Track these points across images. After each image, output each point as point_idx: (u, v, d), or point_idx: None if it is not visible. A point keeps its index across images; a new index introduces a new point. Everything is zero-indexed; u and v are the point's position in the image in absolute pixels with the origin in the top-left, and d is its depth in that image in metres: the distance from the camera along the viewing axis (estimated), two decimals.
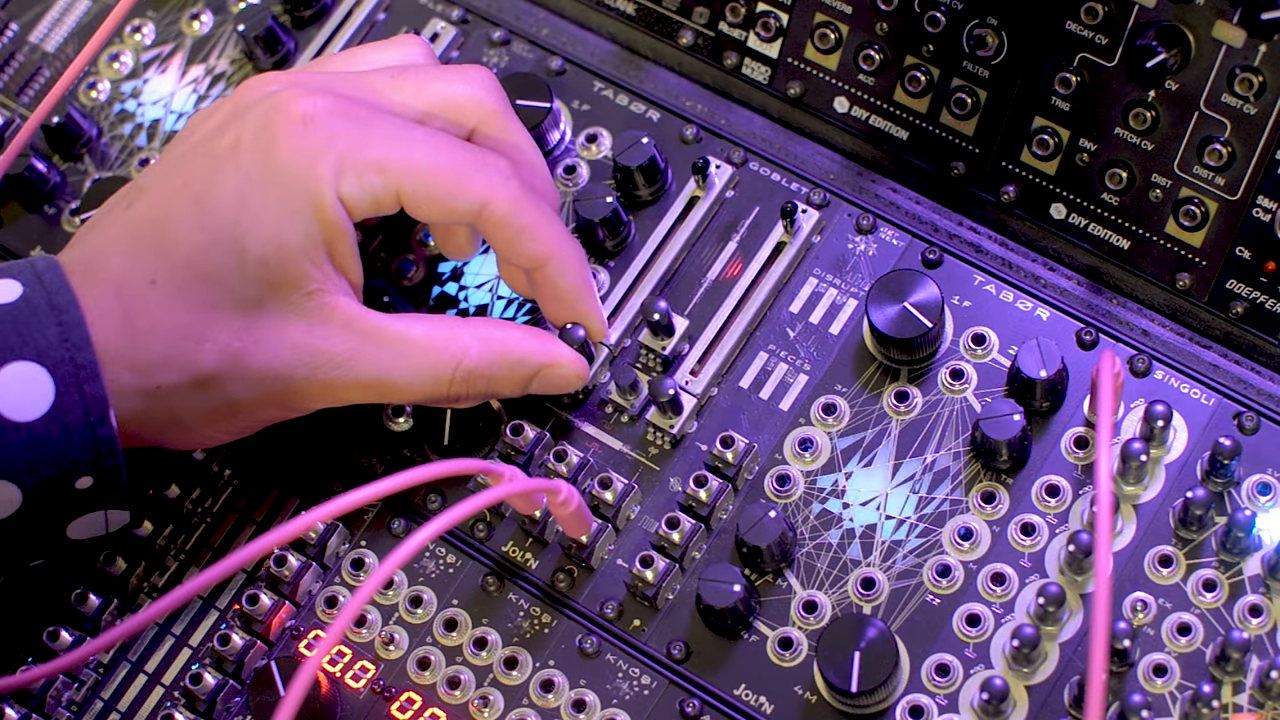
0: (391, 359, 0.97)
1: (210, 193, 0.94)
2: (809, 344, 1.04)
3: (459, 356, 0.97)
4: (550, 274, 0.99)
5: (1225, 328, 1.03)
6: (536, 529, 1.01)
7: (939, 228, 1.06)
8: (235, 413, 0.97)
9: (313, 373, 0.96)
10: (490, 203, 0.96)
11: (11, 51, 1.17)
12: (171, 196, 0.95)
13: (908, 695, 0.96)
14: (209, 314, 0.94)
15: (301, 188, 0.94)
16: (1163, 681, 0.95)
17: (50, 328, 0.92)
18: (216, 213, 0.94)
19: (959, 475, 1.00)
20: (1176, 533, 0.97)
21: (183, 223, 0.94)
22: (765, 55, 1.10)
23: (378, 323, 0.97)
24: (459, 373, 0.97)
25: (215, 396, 0.96)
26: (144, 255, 0.94)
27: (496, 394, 1.00)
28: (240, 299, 0.94)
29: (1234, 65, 0.99)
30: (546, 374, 1.00)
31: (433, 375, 0.97)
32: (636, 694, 0.98)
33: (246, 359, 0.95)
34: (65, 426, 0.92)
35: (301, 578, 1.02)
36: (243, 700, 1.00)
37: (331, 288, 0.96)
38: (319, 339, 0.96)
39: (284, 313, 0.95)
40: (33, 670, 0.95)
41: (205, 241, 0.94)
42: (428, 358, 0.97)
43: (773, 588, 0.99)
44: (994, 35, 1.04)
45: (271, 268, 0.94)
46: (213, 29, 1.16)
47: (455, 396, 0.99)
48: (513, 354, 0.99)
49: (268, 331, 0.95)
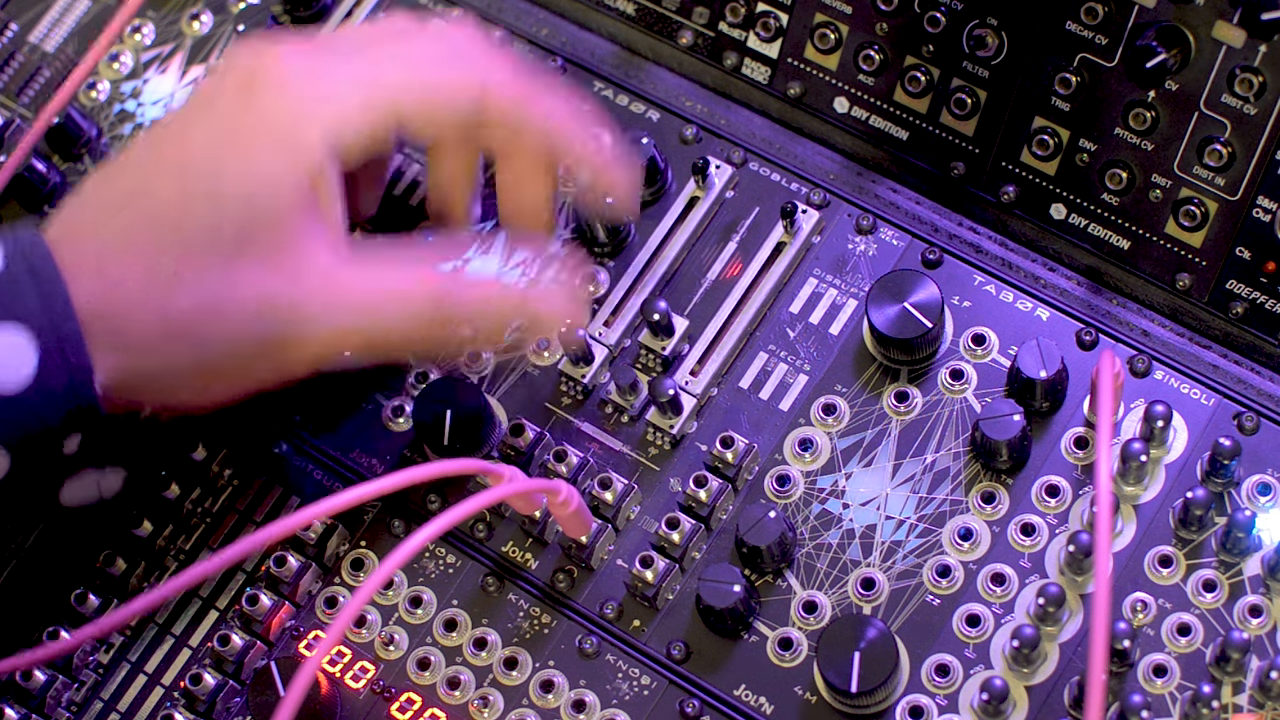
0: (373, 304, 0.96)
1: (186, 147, 0.94)
2: (809, 344, 1.04)
3: (439, 294, 0.97)
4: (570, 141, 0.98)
5: (1225, 328, 1.03)
6: (536, 529, 1.01)
7: (939, 228, 1.06)
8: (213, 373, 0.96)
9: (292, 324, 0.95)
10: (489, 77, 0.96)
11: (11, 51, 1.17)
12: (149, 155, 0.95)
13: (908, 695, 0.96)
14: (184, 261, 0.93)
15: (281, 132, 0.93)
16: (1163, 682, 0.95)
17: (31, 297, 0.92)
18: (193, 165, 0.94)
19: (959, 475, 1.00)
20: (1176, 533, 0.97)
21: (160, 178, 0.94)
22: (765, 55, 1.10)
23: (357, 269, 0.96)
24: (440, 310, 0.97)
25: (191, 352, 0.95)
26: (122, 211, 0.94)
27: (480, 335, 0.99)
28: (216, 249, 0.93)
29: (1234, 65, 0.99)
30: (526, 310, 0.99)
31: (414, 314, 0.96)
32: (636, 694, 0.98)
33: (221, 310, 0.94)
34: (50, 392, 0.92)
35: (301, 578, 1.02)
36: (243, 700, 1.00)
37: (312, 235, 0.95)
38: (299, 289, 0.95)
39: (262, 264, 0.94)
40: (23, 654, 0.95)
41: (182, 193, 0.93)
42: (409, 298, 0.96)
43: (773, 588, 0.99)
44: (994, 35, 1.04)
45: (247, 218, 0.93)
46: (213, 29, 1.16)
47: (438, 338, 0.98)
48: (492, 289, 0.98)
49: (243, 282, 0.94)
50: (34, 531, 1.06)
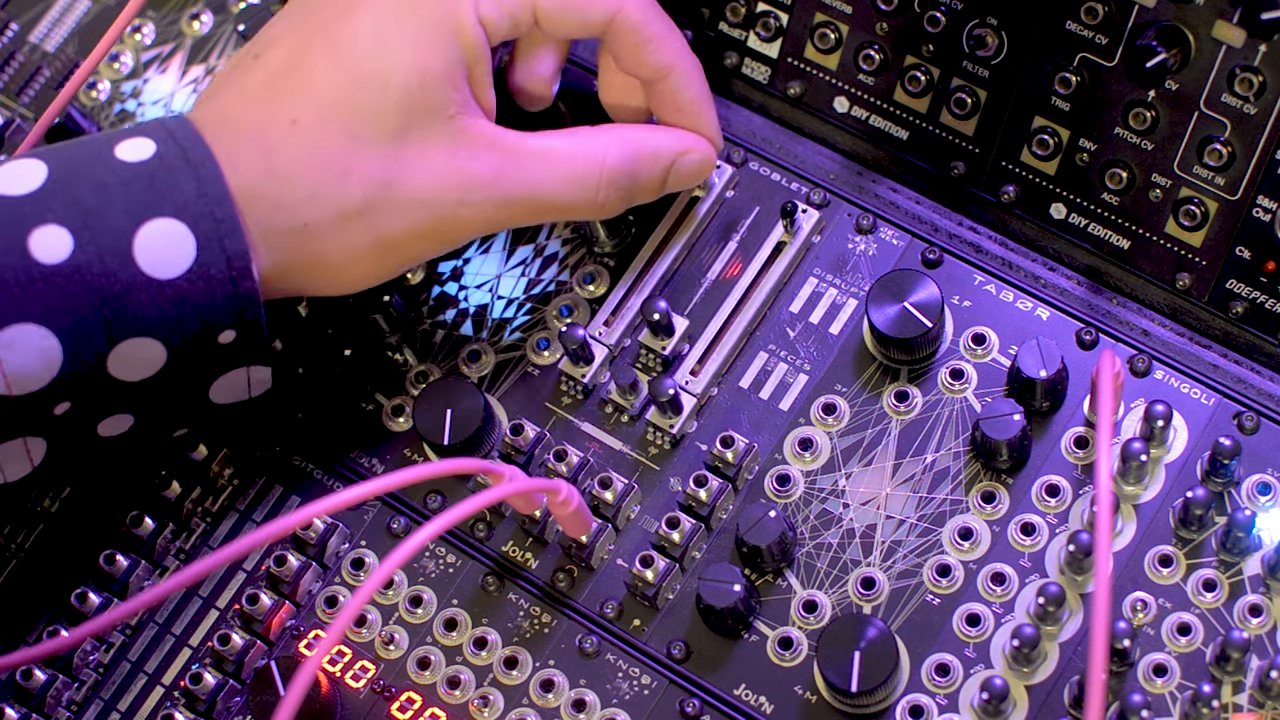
0: (538, 172, 0.98)
1: (346, 33, 0.95)
2: (809, 344, 1.04)
3: (601, 158, 0.99)
4: (672, 85, 1.01)
5: (1225, 328, 1.03)
6: (536, 529, 1.01)
7: (939, 228, 1.06)
8: (385, 248, 0.97)
9: (463, 195, 0.96)
10: (622, 10, 0.99)
11: (11, 51, 1.17)
12: (304, 41, 0.96)
13: (908, 695, 0.96)
14: (353, 147, 0.95)
15: (441, 14, 0.95)
16: (1163, 681, 0.95)
17: (188, 183, 0.93)
18: (354, 47, 0.95)
19: (959, 475, 1.00)
20: (1176, 533, 0.97)
21: (320, 64, 0.95)
22: (765, 55, 1.10)
23: (519, 139, 0.98)
24: (604, 174, 0.99)
25: (365, 231, 0.96)
26: (282, 98, 0.95)
27: (639, 194, 1.01)
28: (384, 129, 0.95)
29: (1234, 65, 0.99)
30: (681, 164, 1.02)
31: (579, 181, 0.99)
32: (636, 694, 0.98)
33: (394, 188, 0.95)
34: (208, 281, 0.92)
35: (301, 578, 1.02)
36: (243, 700, 1.00)
37: (470, 110, 0.97)
38: (464, 160, 0.96)
39: (428, 139, 0.96)
40: (21, 652, 0.95)
41: (345, 76, 0.95)
42: (572, 165, 0.98)
43: (773, 588, 0.99)
44: (994, 35, 1.04)
45: (414, 96, 0.95)
46: (213, 29, 1.16)
47: (602, 202, 0.99)
48: (648, 148, 1.01)
49: (413, 159, 0.95)
50: (35, 531, 1.06)
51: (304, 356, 1.07)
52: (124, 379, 0.93)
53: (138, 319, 0.92)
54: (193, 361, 0.94)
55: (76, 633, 0.91)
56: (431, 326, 1.07)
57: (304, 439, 1.06)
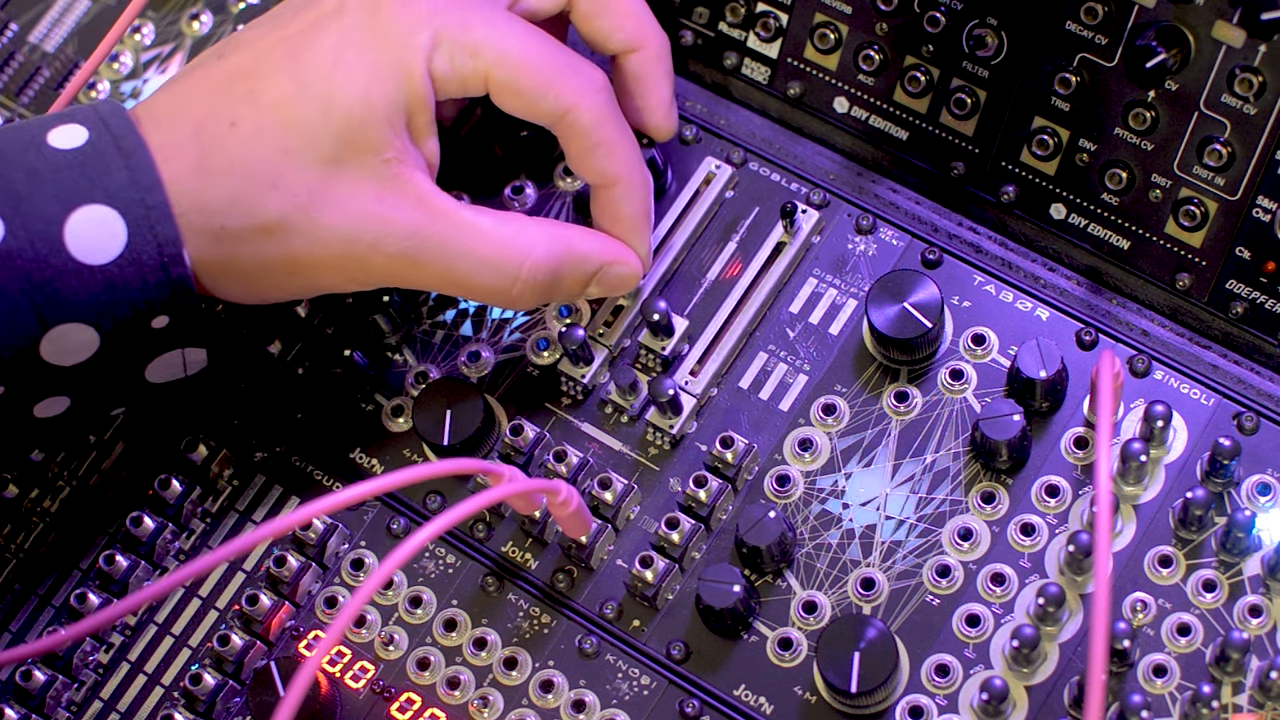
0: (458, 244, 0.97)
1: (307, 46, 0.95)
2: (809, 344, 1.04)
3: (526, 251, 0.98)
4: (615, 196, 1.00)
5: (1225, 328, 1.03)
6: (536, 529, 1.01)
7: (939, 228, 1.06)
8: (294, 268, 0.97)
9: (377, 241, 0.96)
10: (574, 110, 0.97)
11: (11, 51, 1.17)
12: (268, 49, 0.96)
13: (908, 695, 0.96)
14: (284, 160, 0.94)
15: (396, 54, 0.95)
16: (1163, 682, 0.95)
17: (119, 170, 0.93)
18: (311, 66, 0.95)
19: (959, 475, 1.00)
20: (1176, 533, 0.97)
21: (275, 73, 0.95)
22: (765, 55, 1.10)
23: (448, 204, 0.97)
24: (525, 268, 0.98)
25: (277, 247, 0.96)
26: (230, 99, 0.95)
27: (557, 293, 1.00)
28: (318, 152, 0.95)
29: (1234, 65, 0.99)
30: (607, 272, 1.01)
31: (499, 268, 0.97)
32: (636, 694, 0.98)
33: (314, 213, 0.95)
34: (140, 267, 0.93)
35: (301, 578, 1.02)
36: (243, 700, 1.00)
37: (409, 160, 0.96)
38: (389, 208, 0.96)
39: (358, 175, 0.95)
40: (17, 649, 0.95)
41: (294, 91, 0.95)
42: (497, 249, 0.97)
43: (772, 588, 0.99)
44: (994, 35, 1.04)
45: (353, 127, 0.95)
46: (213, 29, 1.16)
47: (518, 295, 0.98)
48: (577, 250, 0.99)
49: (339, 189, 0.95)
50: (35, 531, 1.06)
51: (304, 356, 1.07)
52: (57, 364, 0.94)
53: (69, 304, 0.92)
54: (126, 345, 0.95)
55: (75, 629, 0.91)
56: (431, 326, 1.07)
57: (304, 439, 1.06)
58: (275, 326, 1.06)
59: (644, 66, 1.03)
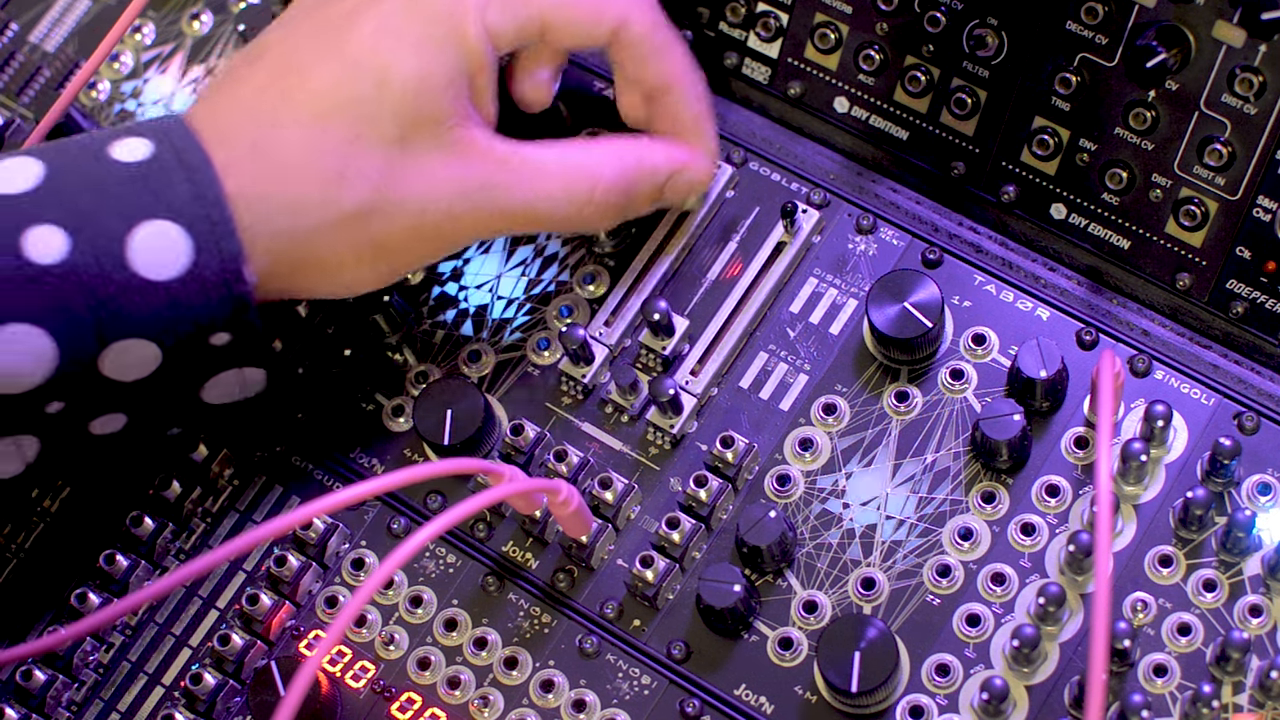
0: (532, 185, 0.97)
1: (347, 35, 0.95)
2: (809, 344, 1.04)
3: (595, 173, 0.99)
4: (673, 99, 1.01)
5: (1225, 328, 1.03)
6: (536, 529, 1.01)
7: (939, 228, 1.06)
8: (380, 252, 0.97)
9: (455, 203, 0.96)
10: (628, 23, 0.98)
11: (11, 51, 1.17)
12: (304, 43, 0.96)
13: (908, 695, 0.96)
14: (351, 150, 0.94)
15: (446, 20, 0.95)
16: (1163, 681, 0.95)
17: (183, 185, 0.92)
18: (355, 50, 0.95)
19: (959, 475, 1.00)
20: (1176, 533, 0.97)
21: (321, 64, 0.95)
22: (765, 55, 1.10)
23: (515, 150, 0.98)
24: (598, 190, 0.99)
25: (360, 234, 0.96)
26: (280, 99, 0.95)
27: (632, 208, 1.01)
28: (382, 134, 0.94)
29: (1234, 65, 0.99)
30: (676, 180, 1.01)
31: (572, 195, 0.98)
32: (636, 694, 0.98)
33: (390, 193, 0.95)
34: (203, 284, 0.92)
35: (301, 578, 1.02)
36: (243, 700, 1.00)
37: (471, 120, 0.96)
38: (459, 169, 0.96)
39: (426, 146, 0.95)
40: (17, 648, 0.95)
41: (345, 78, 0.94)
42: (566, 179, 0.98)
43: (773, 588, 0.99)
44: (994, 35, 1.04)
45: (413, 101, 0.94)
46: (213, 29, 1.16)
47: (597, 216, 0.99)
48: (645, 164, 1.00)
49: (409, 165, 0.95)
50: (35, 531, 1.06)
51: (304, 356, 1.07)
52: (117, 379, 0.93)
53: (132, 320, 0.92)
54: (186, 363, 0.94)
55: (75, 628, 0.91)
56: (431, 327, 1.07)
57: (304, 439, 1.06)
58: (275, 327, 1.06)
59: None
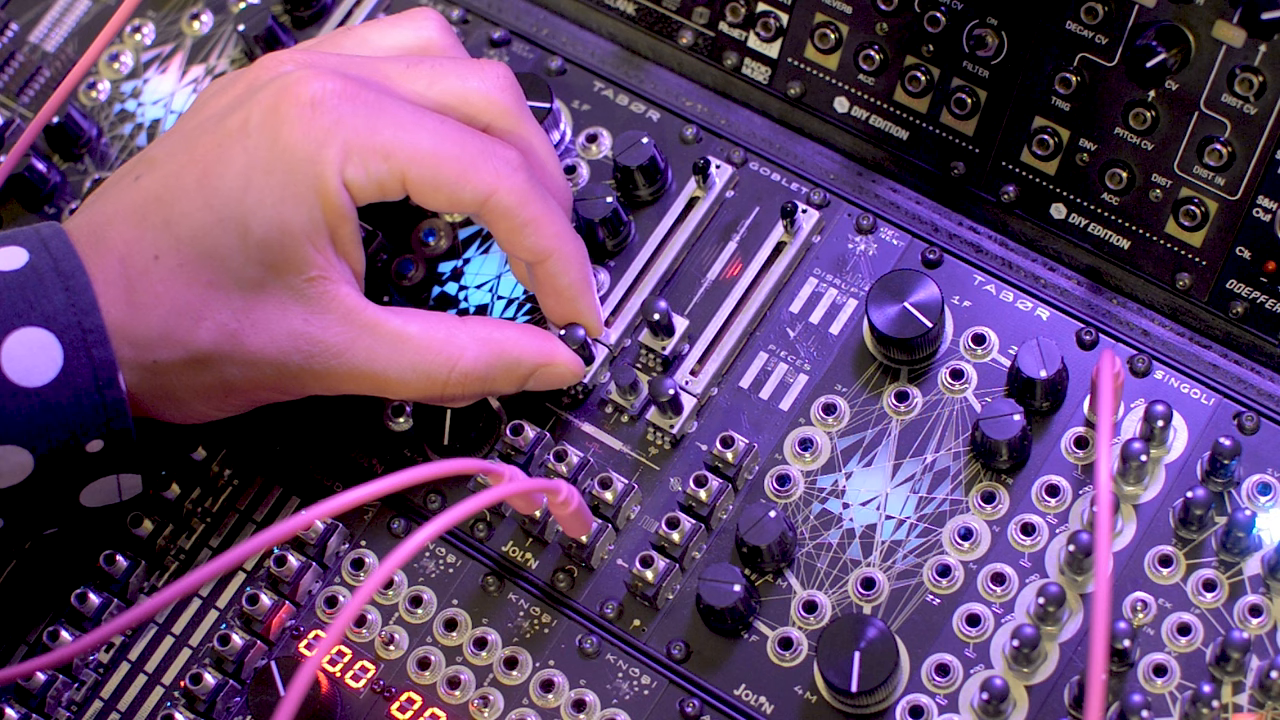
0: (387, 354, 0.97)
1: (217, 171, 0.94)
2: (809, 344, 1.04)
3: (455, 357, 0.98)
4: (550, 270, 0.99)
5: (1225, 328, 1.03)
6: (536, 529, 1.01)
7: (939, 228, 1.06)
8: (229, 392, 0.97)
9: (308, 360, 0.96)
10: (496, 193, 0.96)
11: (11, 51, 1.17)
12: (179, 172, 0.95)
13: (908, 695, 0.96)
14: (209, 292, 0.94)
15: (306, 171, 0.94)
16: (1163, 681, 0.95)
17: (57, 293, 0.92)
18: (222, 192, 0.94)
19: (959, 475, 1.00)
20: (1176, 533, 0.97)
21: (189, 200, 0.94)
22: (765, 55, 1.10)
23: (376, 316, 0.97)
24: (454, 373, 0.98)
25: (210, 375, 0.96)
26: (149, 229, 0.95)
27: (492, 393, 1.00)
28: (241, 280, 0.94)
29: (1234, 65, 0.99)
30: (543, 373, 1.00)
31: (428, 374, 0.97)
32: (636, 694, 0.98)
33: (244, 340, 0.95)
34: (75, 390, 0.92)
35: (301, 578, 1.02)
36: (243, 700, 1.00)
37: (333, 275, 0.96)
38: (317, 328, 0.96)
39: (284, 297, 0.95)
40: (23, 664, 0.95)
41: (210, 220, 0.94)
42: (424, 356, 0.97)
43: (773, 588, 0.99)
44: (994, 35, 1.04)
45: (273, 250, 0.94)
46: (213, 29, 1.16)
47: (450, 396, 0.99)
48: (510, 354, 0.99)
49: (267, 314, 0.95)
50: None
51: None
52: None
53: (4, 427, 0.92)
54: (61, 469, 0.95)
55: (78, 645, 0.92)
56: None
57: (304, 439, 1.06)
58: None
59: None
